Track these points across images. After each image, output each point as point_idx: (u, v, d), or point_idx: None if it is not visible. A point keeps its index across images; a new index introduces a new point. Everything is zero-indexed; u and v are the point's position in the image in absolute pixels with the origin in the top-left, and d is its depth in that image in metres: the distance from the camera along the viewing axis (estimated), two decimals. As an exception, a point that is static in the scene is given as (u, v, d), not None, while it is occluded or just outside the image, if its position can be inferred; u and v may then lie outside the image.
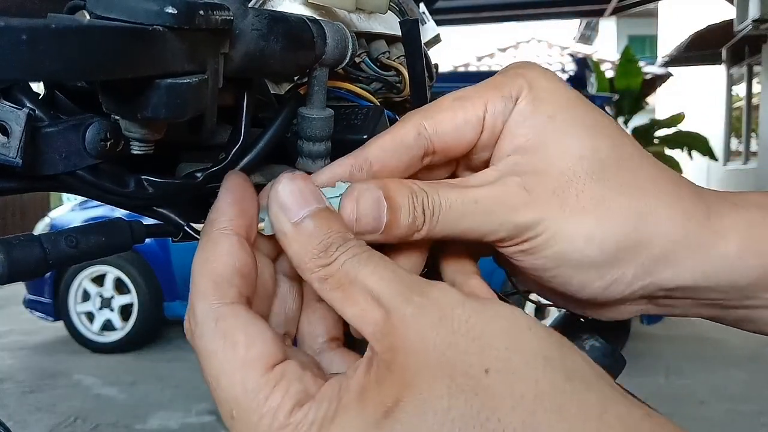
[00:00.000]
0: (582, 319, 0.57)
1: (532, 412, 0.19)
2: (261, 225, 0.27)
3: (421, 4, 0.49)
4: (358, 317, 0.23)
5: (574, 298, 0.27)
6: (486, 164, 0.28)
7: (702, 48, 9.22)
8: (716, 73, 10.22)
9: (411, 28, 0.38)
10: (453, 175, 0.30)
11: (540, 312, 2.95)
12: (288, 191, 0.25)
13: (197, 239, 0.33)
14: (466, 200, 0.26)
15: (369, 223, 0.25)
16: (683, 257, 0.25)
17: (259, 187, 0.40)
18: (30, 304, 4.33)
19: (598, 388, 0.20)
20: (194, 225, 0.33)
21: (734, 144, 10.07)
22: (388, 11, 0.40)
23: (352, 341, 0.28)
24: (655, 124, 8.36)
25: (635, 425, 0.20)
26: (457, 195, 0.26)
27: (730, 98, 10.10)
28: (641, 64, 8.73)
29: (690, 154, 7.95)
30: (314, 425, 0.21)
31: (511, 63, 0.29)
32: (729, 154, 10.04)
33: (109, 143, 0.27)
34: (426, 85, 0.41)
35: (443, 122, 0.27)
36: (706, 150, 7.93)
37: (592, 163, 0.25)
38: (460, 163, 0.30)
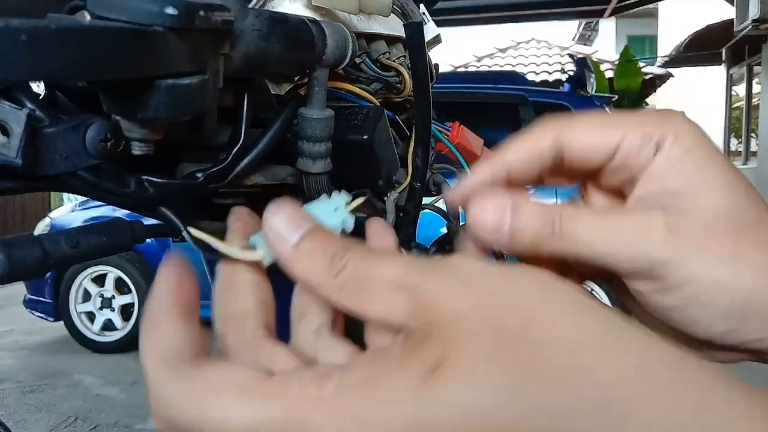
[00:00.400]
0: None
1: (577, 354, 0.20)
2: (259, 255, 0.27)
3: (421, 5, 0.49)
4: (386, 311, 0.22)
5: (691, 338, 0.28)
6: (613, 190, 0.30)
7: (702, 48, 9.22)
8: (716, 73, 10.21)
9: (415, 31, 0.38)
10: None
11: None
12: (279, 220, 0.25)
13: (197, 240, 0.33)
14: (608, 225, 0.26)
15: (490, 225, 0.26)
16: None
17: (259, 188, 0.40)
18: (30, 304, 4.32)
19: (636, 332, 0.21)
20: (192, 229, 0.33)
21: (734, 144, 10.07)
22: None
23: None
24: (655, 124, 8.33)
25: (678, 362, 0.20)
26: (599, 218, 0.27)
27: (730, 98, 10.10)
28: (641, 64, 8.73)
29: (690, 154, 7.92)
30: (354, 389, 0.20)
31: (666, 110, 0.30)
32: (729, 154, 10.04)
33: (109, 143, 0.27)
34: (429, 86, 0.41)
35: (580, 141, 0.29)
36: (706, 150, 7.91)
37: (733, 219, 0.26)
38: (587, 184, 0.31)
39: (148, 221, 0.35)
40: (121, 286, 4.22)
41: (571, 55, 9.27)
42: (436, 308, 0.21)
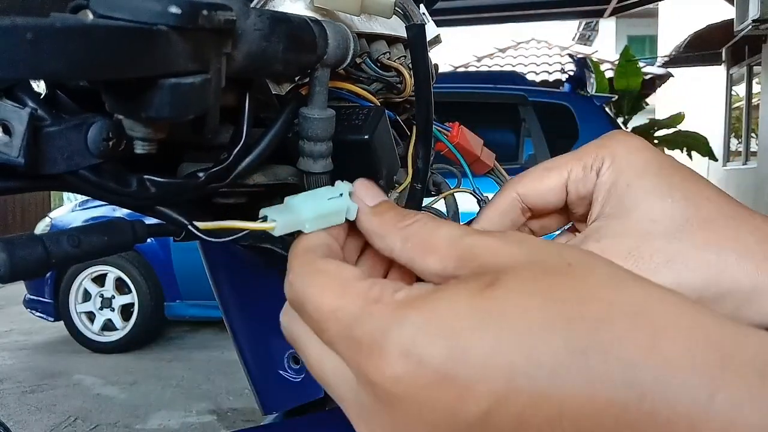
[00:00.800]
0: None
1: (614, 288, 0.22)
2: (271, 225, 0.29)
3: (421, 5, 0.49)
4: (440, 261, 0.25)
5: None
6: (586, 216, 0.33)
7: (702, 48, 9.22)
8: (716, 73, 10.21)
9: (417, 33, 0.37)
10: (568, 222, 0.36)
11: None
12: (365, 189, 0.30)
13: (200, 239, 0.33)
14: None
15: None
16: (763, 300, 0.28)
17: (261, 187, 0.40)
18: (30, 304, 4.33)
19: (656, 284, 0.23)
20: (198, 223, 0.33)
21: (734, 144, 10.07)
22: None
23: None
24: (655, 125, 8.35)
25: (682, 304, 0.22)
26: None
27: (730, 98, 10.10)
28: (641, 64, 8.73)
29: (690, 155, 7.94)
30: (420, 298, 0.23)
31: (608, 134, 0.33)
32: (729, 154, 10.04)
33: (111, 143, 0.27)
34: (431, 88, 0.41)
35: (531, 189, 0.33)
36: (705, 150, 7.92)
37: (666, 226, 0.29)
38: (569, 213, 0.35)
39: (150, 221, 0.35)
40: (121, 286, 4.22)
41: (571, 55, 9.28)
42: (487, 260, 0.24)
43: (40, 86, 0.30)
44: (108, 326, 4.23)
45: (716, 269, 0.28)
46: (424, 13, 0.51)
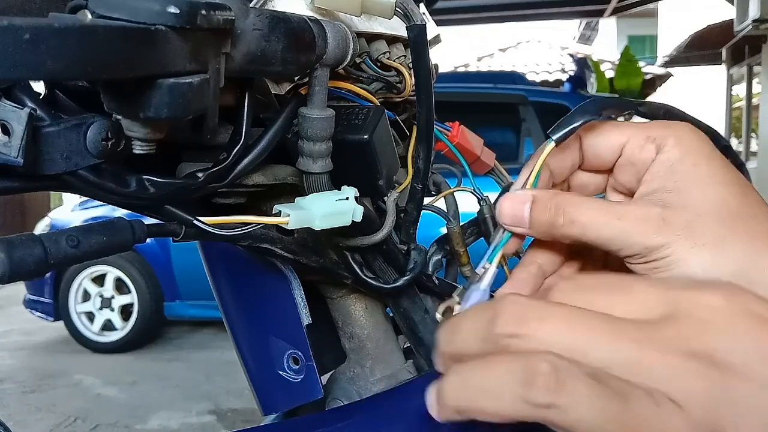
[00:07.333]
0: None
1: None
2: (284, 219, 0.31)
3: (421, 5, 0.49)
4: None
5: None
6: (625, 189, 0.36)
7: (702, 48, 9.22)
8: (716, 73, 10.21)
9: (418, 33, 0.37)
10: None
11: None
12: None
13: (200, 238, 0.33)
14: (611, 214, 0.32)
15: (516, 217, 0.33)
16: None
17: (260, 187, 0.40)
18: (30, 304, 4.32)
19: None
20: (208, 219, 0.33)
21: (734, 144, 10.07)
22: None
23: None
24: (656, 124, 8.33)
25: None
26: (605, 209, 0.32)
27: (730, 98, 10.09)
28: (641, 64, 8.73)
29: (690, 154, 7.90)
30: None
31: (669, 121, 0.35)
32: (729, 154, 10.02)
33: (110, 143, 0.27)
34: (432, 89, 0.41)
35: (594, 141, 0.35)
36: (706, 150, 7.90)
37: (721, 210, 0.31)
38: (608, 186, 0.37)
39: (149, 221, 0.35)
40: (120, 286, 4.22)
41: (571, 55, 9.27)
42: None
43: (39, 86, 0.30)
44: (108, 326, 4.23)
45: (750, 259, 0.30)
46: (424, 13, 0.51)
